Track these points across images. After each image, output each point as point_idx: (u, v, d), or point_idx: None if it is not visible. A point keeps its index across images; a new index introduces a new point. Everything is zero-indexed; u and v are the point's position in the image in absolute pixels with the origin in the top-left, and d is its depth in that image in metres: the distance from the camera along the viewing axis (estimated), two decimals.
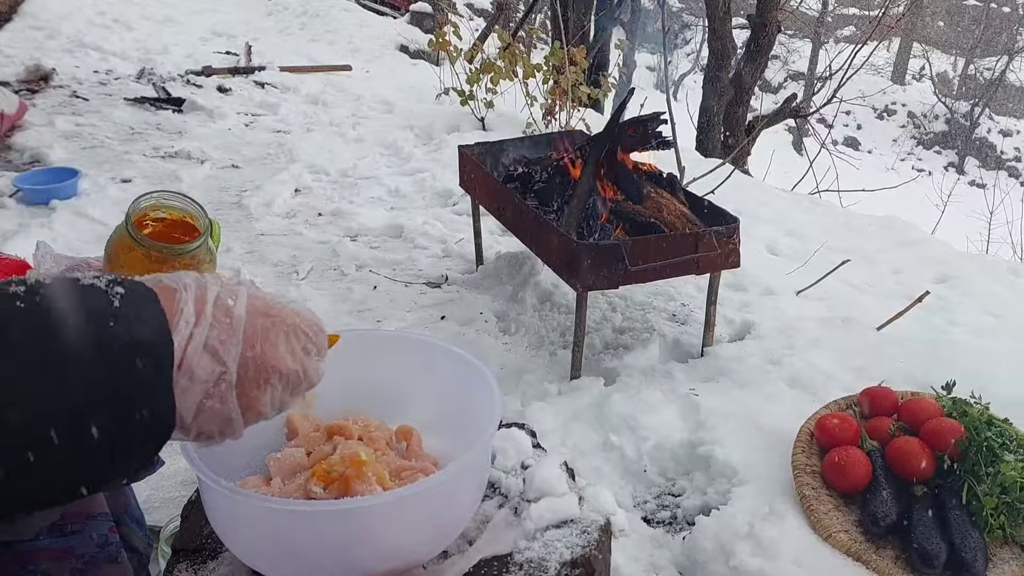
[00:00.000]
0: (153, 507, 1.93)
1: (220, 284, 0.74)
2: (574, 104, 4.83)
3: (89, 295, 0.64)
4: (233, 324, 0.72)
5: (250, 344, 0.73)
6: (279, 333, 0.77)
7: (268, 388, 0.75)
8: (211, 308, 0.71)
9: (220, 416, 0.72)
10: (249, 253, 3.34)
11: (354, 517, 0.88)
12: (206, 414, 0.71)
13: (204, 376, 0.69)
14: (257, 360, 0.74)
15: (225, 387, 0.71)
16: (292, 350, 0.77)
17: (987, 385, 2.01)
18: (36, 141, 4.10)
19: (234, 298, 0.74)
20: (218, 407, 0.71)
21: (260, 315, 0.76)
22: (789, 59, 20.15)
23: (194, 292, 0.71)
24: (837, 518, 1.68)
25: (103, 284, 0.66)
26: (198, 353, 0.69)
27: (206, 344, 0.69)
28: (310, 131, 5.05)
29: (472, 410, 1.11)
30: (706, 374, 2.42)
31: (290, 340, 0.77)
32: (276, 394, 0.77)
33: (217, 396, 0.71)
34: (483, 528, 1.10)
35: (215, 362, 0.70)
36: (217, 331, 0.71)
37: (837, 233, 3.86)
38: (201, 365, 0.69)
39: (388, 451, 1.11)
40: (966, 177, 17.24)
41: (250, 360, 0.73)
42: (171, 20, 7.20)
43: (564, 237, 2.32)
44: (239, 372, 0.72)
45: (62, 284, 0.64)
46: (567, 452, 2.08)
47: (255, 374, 0.74)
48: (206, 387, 0.70)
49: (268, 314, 0.76)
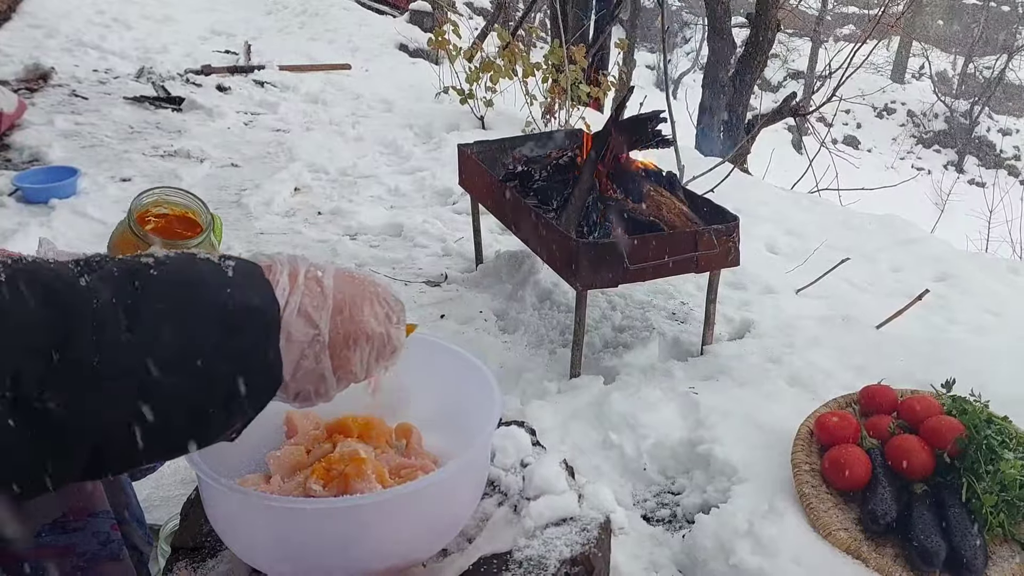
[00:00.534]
0: (153, 505, 1.93)
1: (309, 261, 0.82)
2: (573, 103, 4.83)
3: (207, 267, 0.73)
4: (324, 292, 0.80)
5: (339, 309, 0.81)
6: (365, 300, 0.84)
7: (357, 349, 0.82)
8: (303, 278, 0.79)
9: (315, 375, 0.79)
10: (249, 252, 3.33)
11: (353, 515, 0.88)
12: (303, 373, 0.78)
13: (300, 337, 0.77)
14: (346, 323, 0.81)
15: (319, 347, 0.78)
16: (376, 315, 0.84)
17: (987, 383, 2.00)
18: (35, 140, 4.10)
19: (323, 271, 0.82)
20: (313, 366, 0.78)
21: (347, 284, 0.83)
22: (788, 58, 20.14)
23: (288, 265, 0.80)
24: (837, 516, 1.68)
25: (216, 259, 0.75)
26: (293, 317, 0.76)
27: (300, 309, 0.77)
28: (309, 130, 5.04)
29: (471, 408, 1.11)
30: (706, 372, 2.42)
31: (374, 306, 0.85)
32: (364, 356, 0.84)
33: (312, 356, 0.78)
34: (483, 526, 1.10)
35: (308, 325, 0.77)
36: (309, 298, 0.78)
37: (836, 232, 3.86)
38: (297, 327, 0.76)
39: (388, 449, 1.11)
40: (965, 176, 17.25)
41: (339, 323, 0.81)
42: (170, 19, 7.19)
43: (563, 236, 2.31)
44: (330, 334, 0.79)
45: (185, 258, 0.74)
46: (567, 450, 2.07)
47: (345, 336, 0.81)
48: (302, 347, 0.77)
49: (353, 283, 0.84)
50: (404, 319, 0.90)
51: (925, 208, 10.13)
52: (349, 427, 1.11)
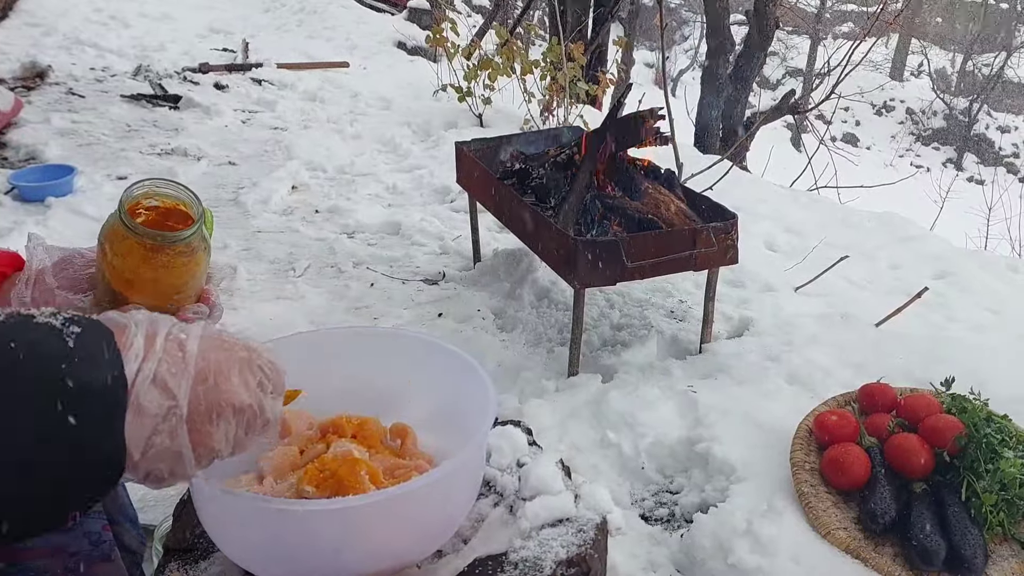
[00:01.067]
0: (148, 505, 1.92)
1: (172, 322, 0.73)
2: (572, 100, 4.82)
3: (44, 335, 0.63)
4: (185, 357, 0.71)
5: (202, 377, 0.71)
6: (232, 366, 0.75)
7: (222, 423, 0.73)
8: (162, 342, 0.70)
9: (170, 453, 0.69)
10: (246, 250, 3.33)
11: (346, 516, 0.87)
12: (155, 451, 0.68)
13: (153, 410, 0.67)
14: (210, 393, 0.72)
15: (175, 421, 0.69)
16: (246, 383, 0.75)
17: (986, 381, 2.00)
18: (32, 138, 4.08)
19: (186, 333, 0.73)
20: (168, 443, 0.69)
21: (213, 349, 0.74)
22: (787, 55, 20.12)
23: (144, 327, 0.70)
24: (836, 515, 1.68)
25: (59, 323, 0.65)
26: (146, 387, 0.67)
27: (155, 377, 0.68)
28: (307, 128, 5.03)
29: (467, 408, 1.10)
30: (704, 371, 2.41)
31: (244, 373, 0.75)
32: (231, 430, 0.74)
33: (167, 431, 0.68)
34: (478, 527, 1.09)
35: (164, 395, 0.68)
36: (167, 364, 0.69)
37: (835, 229, 3.86)
38: (150, 399, 0.67)
39: (382, 449, 1.10)
40: (964, 173, 17.24)
41: (202, 393, 0.71)
42: (168, 17, 7.17)
43: (561, 234, 2.30)
44: (190, 406, 0.70)
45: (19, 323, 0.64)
46: (564, 449, 2.06)
47: (207, 408, 0.72)
48: (155, 421, 0.68)
49: (222, 348, 0.75)
50: (283, 387, 0.80)
51: (924, 205, 10.12)
52: (343, 427, 1.10)
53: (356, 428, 1.10)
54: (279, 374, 0.80)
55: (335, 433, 1.09)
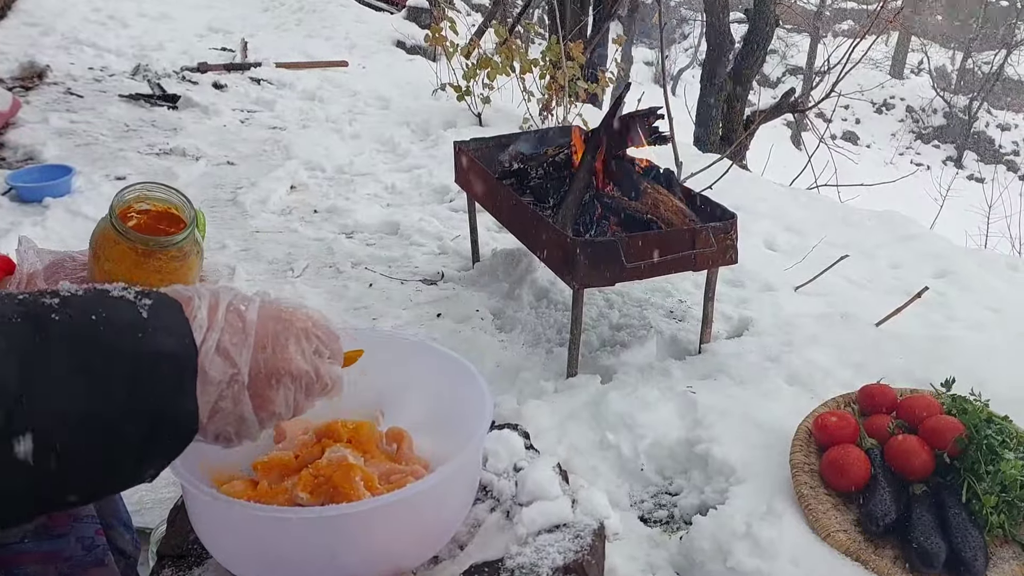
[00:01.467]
0: (145, 508, 1.91)
1: (233, 293, 0.77)
2: (571, 100, 4.81)
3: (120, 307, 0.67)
4: (245, 328, 0.75)
5: (261, 346, 0.76)
6: (290, 336, 0.79)
7: (281, 388, 0.77)
8: (223, 313, 0.74)
9: (234, 416, 0.74)
10: (244, 251, 3.32)
11: (340, 524, 0.86)
12: (221, 415, 0.73)
13: (217, 377, 0.72)
14: (268, 361, 0.76)
15: (238, 388, 0.73)
16: (303, 351, 0.79)
17: (986, 381, 1.99)
18: (30, 138, 4.07)
19: (246, 304, 0.77)
20: (231, 407, 0.73)
21: (271, 319, 0.78)
22: (787, 53, 20.10)
23: (208, 299, 0.74)
24: (836, 517, 1.67)
25: (132, 296, 0.69)
26: (210, 356, 0.71)
27: (218, 347, 0.72)
28: (306, 127, 5.02)
29: (463, 411, 1.09)
30: (704, 371, 2.40)
31: (301, 342, 0.79)
32: (290, 395, 0.78)
33: (230, 397, 0.73)
34: (474, 532, 1.08)
35: (227, 364, 0.73)
36: (229, 334, 0.73)
37: (835, 228, 3.84)
38: (214, 367, 0.72)
39: (378, 454, 1.09)
40: (964, 171, 17.22)
41: (262, 361, 0.76)
42: (167, 16, 7.16)
43: (560, 234, 2.29)
44: (251, 373, 0.74)
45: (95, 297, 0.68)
46: (563, 451, 2.06)
47: (267, 375, 0.76)
48: (220, 388, 0.72)
49: (280, 318, 0.79)
50: (340, 351, 0.84)
51: (924, 204, 10.11)
52: (339, 431, 1.09)
53: (351, 432, 1.09)
54: (336, 339, 0.84)
55: (330, 438, 1.08)
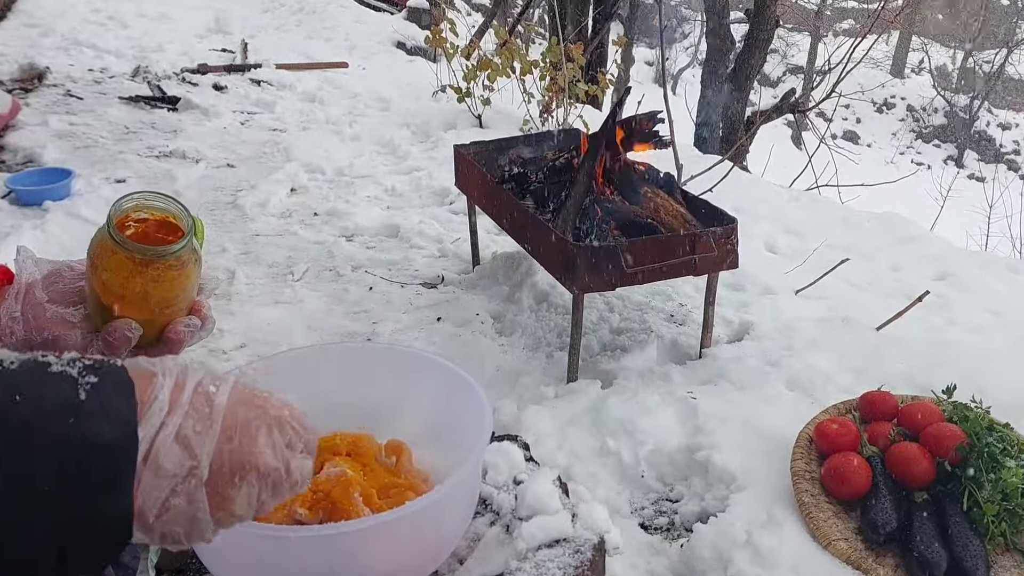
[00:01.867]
0: None
1: (205, 371, 0.69)
2: (571, 101, 4.80)
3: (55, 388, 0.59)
4: (212, 414, 0.66)
5: (228, 436, 0.67)
6: (262, 425, 0.69)
7: (244, 486, 0.67)
8: (189, 395, 0.65)
9: (186, 516, 0.64)
10: (244, 254, 3.31)
11: (339, 542, 0.86)
12: (171, 513, 0.64)
13: (172, 470, 0.63)
14: (234, 454, 0.67)
15: (194, 484, 0.64)
16: (274, 444, 0.70)
17: (987, 386, 1.99)
18: (29, 141, 4.07)
19: (217, 385, 0.68)
20: (184, 506, 0.64)
21: (242, 404, 0.69)
22: (788, 53, 20.09)
23: (174, 377, 0.66)
24: (837, 526, 1.66)
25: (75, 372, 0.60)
26: (168, 444, 0.63)
27: (178, 435, 0.63)
28: (306, 129, 5.01)
29: (462, 423, 1.08)
30: (704, 376, 2.40)
31: (273, 433, 0.70)
32: (254, 494, 0.68)
33: (184, 493, 0.64)
34: (474, 546, 1.08)
35: (186, 455, 0.64)
36: (193, 421, 0.65)
37: (836, 230, 3.84)
38: (169, 458, 0.63)
39: (377, 467, 1.09)
40: (965, 171, 17.21)
41: (226, 453, 0.66)
42: (166, 17, 7.14)
43: (560, 239, 2.29)
44: (212, 467, 0.65)
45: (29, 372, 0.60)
46: (563, 457, 2.05)
47: (231, 470, 0.67)
48: (173, 482, 0.63)
49: (252, 404, 0.70)
50: (314, 446, 0.74)
51: (925, 203, 10.11)
52: (338, 445, 1.08)
53: (351, 446, 1.09)
54: (310, 432, 0.75)
55: (329, 451, 1.08)
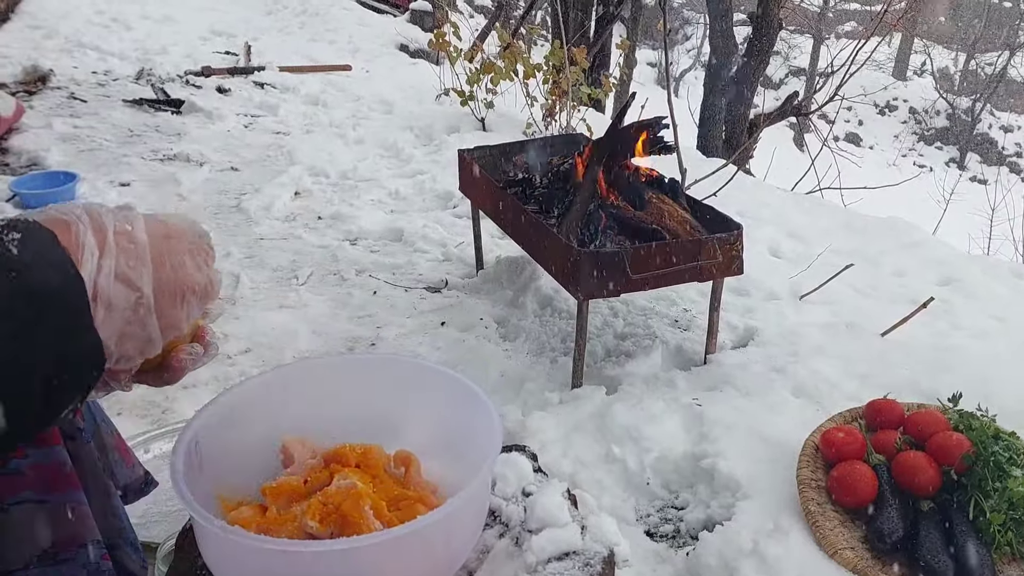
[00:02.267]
0: (152, 521, 1.90)
1: (113, 212, 0.73)
2: (574, 104, 4.80)
3: None
4: (138, 249, 0.72)
5: (159, 265, 0.74)
6: (184, 252, 0.77)
7: (185, 305, 0.77)
8: (112, 236, 0.71)
9: (141, 339, 0.73)
10: (248, 258, 3.32)
11: (350, 557, 0.85)
12: (128, 339, 0.72)
13: (122, 304, 0.70)
14: (170, 281, 0.75)
15: (144, 311, 0.72)
16: (198, 264, 0.78)
17: (993, 392, 1.99)
18: (33, 144, 4.07)
19: (131, 223, 0.73)
20: (140, 331, 0.72)
21: (161, 237, 0.76)
22: (790, 55, 20.09)
23: (90, 222, 0.70)
24: (843, 534, 1.66)
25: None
26: (110, 283, 0.69)
27: (116, 273, 0.70)
28: (310, 132, 5.02)
29: (470, 435, 1.08)
30: (709, 382, 2.39)
31: (194, 256, 0.78)
32: (192, 309, 0.78)
33: (137, 322, 0.72)
34: (483, 559, 1.08)
35: (129, 289, 0.71)
36: (125, 258, 0.71)
37: (839, 234, 3.84)
38: (116, 294, 0.69)
39: (386, 478, 1.09)
40: (967, 173, 17.21)
41: (165, 282, 0.74)
42: (170, 19, 7.15)
43: (564, 244, 2.29)
44: (155, 295, 0.73)
45: None
46: (569, 464, 2.05)
47: (171, 294, 0.75)
48: (125, 315, 0.70)
49: (168, 235, 0.77)
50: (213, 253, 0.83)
51: (927, 206, 10.11)
52: (347, 456, 1.08)
53: (360, 457, 1.09)
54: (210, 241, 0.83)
55: (339, 462, 1.08)
